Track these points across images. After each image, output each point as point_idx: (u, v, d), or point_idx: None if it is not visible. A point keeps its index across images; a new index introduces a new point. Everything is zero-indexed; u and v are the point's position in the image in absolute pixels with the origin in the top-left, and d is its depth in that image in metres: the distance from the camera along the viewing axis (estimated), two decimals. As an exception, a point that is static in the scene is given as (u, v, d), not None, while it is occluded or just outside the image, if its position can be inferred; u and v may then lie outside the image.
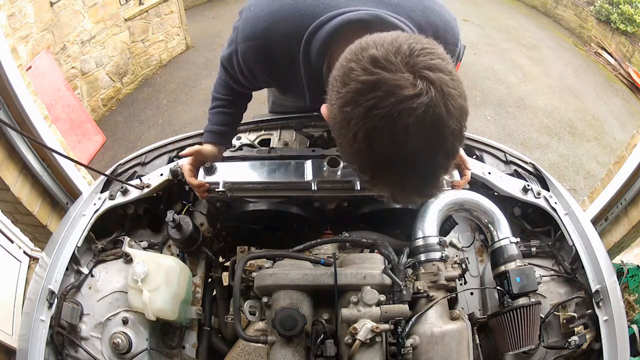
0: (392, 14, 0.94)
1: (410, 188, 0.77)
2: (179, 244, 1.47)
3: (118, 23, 4.84)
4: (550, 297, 1.38)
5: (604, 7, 7.59)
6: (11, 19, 3.41)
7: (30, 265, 3.06)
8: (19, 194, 2.03)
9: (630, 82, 6.81)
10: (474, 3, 8.73)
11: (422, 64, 0.68)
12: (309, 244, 1.31)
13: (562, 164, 4.95)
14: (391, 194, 0.79)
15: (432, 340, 1.09)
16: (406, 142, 0.68)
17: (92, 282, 1.43)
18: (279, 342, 1.10)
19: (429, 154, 0.72)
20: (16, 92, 1.90)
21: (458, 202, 1.32)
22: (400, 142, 0.68)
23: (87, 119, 4.47)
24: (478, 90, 5.85)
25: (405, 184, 0.76)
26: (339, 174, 1.34)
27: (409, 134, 0.67)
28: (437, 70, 0.68)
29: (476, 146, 1.69)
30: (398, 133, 0.67)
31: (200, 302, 1.48)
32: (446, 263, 1.23)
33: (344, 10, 0.93)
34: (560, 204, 1.48)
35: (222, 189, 1.30)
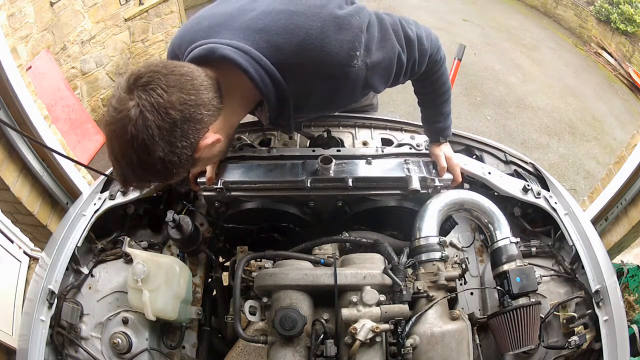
0: (234, 44, 1.01)
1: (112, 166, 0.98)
2: (179, 244, 1.47)
3: (118, 23, 4.84)
4: (550, 297, 1.38)
5: (604, 7, 7.59)
6: (11, 19, 3.41)
7: (30, 265, 3.06)
8: (19, 194, 2.03)
9: (630, 82, 6.82)
10: (473, 3, 8.74)
11: (136, 96, 0.87)
12: (309, 244, 1.32)
13: (562, 164, 4.95)
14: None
15: (432, 340, 1.09)
16: (104, 132, 0.93)
17: (92, 282, 1.43)
18: (279, 342, 1.10)
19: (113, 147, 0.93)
20: (16, 92, 1.90)
21: (458, 202, 1.32)
22: (104, 131, 0.94)
23: (87, 119, 4.47)
24: (478, 90, 5.85)
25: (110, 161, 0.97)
26: (332, 172, 1.35)
27: (104, 127, 0.92)
28: (137, 108, 0.86)
29: (476, 146, 1.69)
30: (104, 123, 0.93)
31: (200, 302, 1.48)
32: (446, 263, 1.23)
33: (202, 43, 1.05)
34: (560, 204, 1.48)
35: (220, 187, 1.33)
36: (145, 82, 0.87)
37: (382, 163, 1.45)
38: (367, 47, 1.06)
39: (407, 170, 1.39)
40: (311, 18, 1.03)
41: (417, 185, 1.35)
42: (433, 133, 1.47)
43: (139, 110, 0.86)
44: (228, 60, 0.99)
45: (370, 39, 1.07)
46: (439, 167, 1.44)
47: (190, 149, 0.94)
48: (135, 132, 0.86)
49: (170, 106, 0.88)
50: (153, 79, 0.88)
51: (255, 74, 1.01)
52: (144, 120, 0.86)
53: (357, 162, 1.43)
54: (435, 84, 1.36)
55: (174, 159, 0.92)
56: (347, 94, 1.14)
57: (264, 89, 1.03)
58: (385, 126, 1.74)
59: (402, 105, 4.75)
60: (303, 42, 1.02)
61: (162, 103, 0.87)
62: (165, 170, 0.93)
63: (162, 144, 0.89)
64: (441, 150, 1.45)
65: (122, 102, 0.87)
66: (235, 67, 1.00)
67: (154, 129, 0.87)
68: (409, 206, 1.40)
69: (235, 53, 0.99)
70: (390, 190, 1.40)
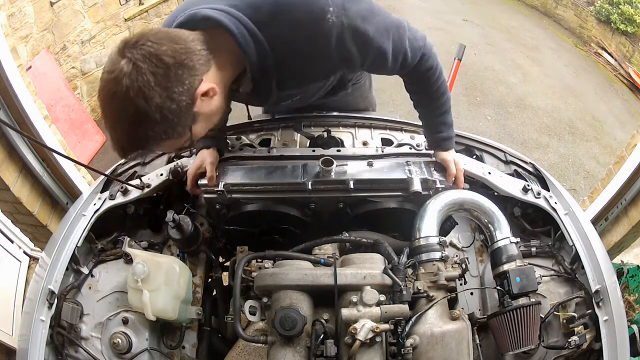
0: (214, 6, 1.04)
1: (110, 135, 0.97)
2: (179, 244, 1.47)
3: (118, 23, 4.84)
4: (550, 297, 1.38)
5: (604, 7, 7.59)
6: (11, 19, 3.41)
7: (30, 265, 3.06)
8: (19, 194, 2.03)
9: (630, 82, 6.82)
10: (474, 3, 8.74)
11: (127, 55, 0.89)
12: (309, 244, 1.32)
13: (562, 164, 4.95)
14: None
15: (432, 340, 1.09)
16: (98, 96, 0.95)
17: (92, 282, 1.43)
18: (279, 342, 1.10)
19: (106, 114, 0.94)
20: (16, 92, 1.90)
21: (458, 202, 1.32)
22: (99, 103, 0.95)
23: (87, 119, 4.47)
24: (478, 90, 5.85)
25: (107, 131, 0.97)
26: (333, 174, 1.35)
27: (98, 91, 0.93)
28: (129, 62, 0.88)
29: (476, 146, 1.69)
30: (98, 96, 0.95)
31: (200, 302, 1.48)
32: (446, 263, 1.23)
33: (186, 11, 1.07)
34: (560, 204, 1.48)
35: (220, 189, 1.33)
36: (134, 41, 0.90)
37: (384, 165, 1.45)
38: (343, 6, 1.06)
39: (409, 172, 1.39)
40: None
41: (419, 187, 1.35)
42: (438, 143, 1.47)
43: (131, 63, 0.88)
44: (209, 19, 1.01)
45: (348, 0, 1.08)
46: (448, 173, 1.44)
47: (187, 95, 0.94)
48: (130, 83, 0.87)
49: (162, 53, 0.89)
50: (142, 37, 0.91)
51: (236, 30, 1.02)
52: (137, 70, 0.87)
53: (358, 164, 1.43)
54: (435, 94, 1.35)
55: (172, 106, 0.92)
56: (321, 53, 1.12)
57: (245, 45, 1.04)
58: (385, 126, 1.74)
59: (402, 105, 4.75)
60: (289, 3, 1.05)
61: (153, 52, 0.89)
62: (165, 120, 0.92)
63: (159, 90, 0.89)
64: (450, 156, 1.45)
65: (114, 64, 0.89)
66: (217, 26, 1.01)
67: (149, 75, 0.88)
68: (410, 208, 1.40)
69: (215, 12, 1.02)
70: (392, 192, 1.40)
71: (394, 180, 1.39)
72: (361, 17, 1.09)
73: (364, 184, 1.37)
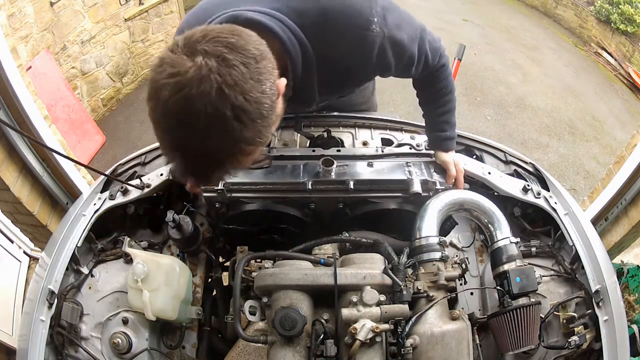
0: (257, 9, 0.99)
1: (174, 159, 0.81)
2: (179, 244, 1.47)
3: (118, 23, 4.84)
4: (550, 297, 1.38)
5: (604, 7, 7.59)
6: (11, 19, 3.41)
7: (30, 265, 3.06)
8: (19, 194, 2.03)
9: (630, 82, 6.81)
10: (474, 3, 8.74)
11: (201, 49, 0.73)
12: (309, 244, 1.32)
13: (562, 164, 4.95)
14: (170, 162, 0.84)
15: (432, 340, 1.09)
16: (161, 113, 0.75)
17: (92, 282, 1.43)
18: (279, 342, 1.10)
19: (180, 128, 0.76)
20: (16, 92, 1.90)
21: (458, 202, 1.32)
22: (158, 112, 0.76)
23: (87, 119, 4.47)
24: (478, 90, 5.85)
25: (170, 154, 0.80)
26: (333, 174, 1.35)
27: (162, 106, 0.74)
28: (210, 56, 0.73)
29: (476, 146, 1.69)
30: (159, 104, 0.75)
31: (200, 302, 1.48)
32: (446, 263, 1.23)
33: (220, 13, 1.00)
34: (560, 204, 1.48)
35: (221, 188, 1.33)
36: (202, 35, 0.76)
37: (384, 165, 1.45)
38: (384, 16, 1.08)
39: (409, 173, 1.39)
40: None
41: (419, 188, 1.35)
42: (439, 142, 1.47)
43: (214, 57, 0.73)
44: (254, 22, 0.96)
45: (385, 8, 1.09)
46: (448, 175, 1.44)
47: (275, 90, 0.82)
48: (221, 78, 0.72)
49: (245, 44, 0.77)
50: (207, 31, 0.77)
51: (284, 34, 1.00)
52: (226, 62, 0.73)
53: (358, 165, 1.43)
54: (443, 90, 1.37)
55: (266, 103, 0.79)
56: (364, 61, 1.14)
57: (292, 49, 1.02)
58: (385, 126, 1.74)
59: (402, 105, 4.75)
60: (323, 4, 1.04)
61: (236, 43, 0.76)
62: (261, 117, 0.78)
63: (253, 83, 0.76)
64: (450, 157, 1.45)
65: (180, 64, 0.73)
66: (262, 29, 0.96)
67: (241, 66, 0.74)
68: (410, 209, 1.40)
69: (260, 16, 0.98)
70: (392, 192, 1.40)
71: (394, 181, 1.39)
72: (397, 25, 1.12)
73: (364, 185, 1.37)
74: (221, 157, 0.80)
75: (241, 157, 0.83)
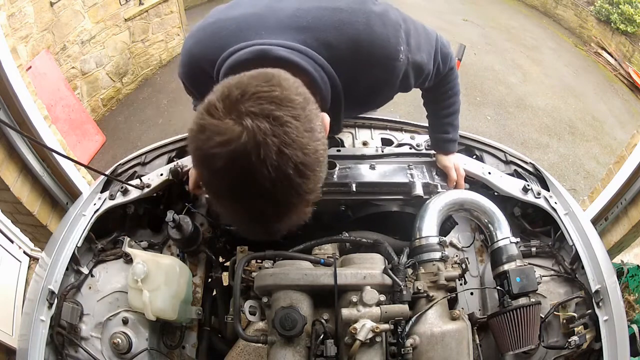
0: (286, 44, 0.95)
1: (240, 225, 0.82)
2: (179, 244, 1.47)
3: (118, 23, 4.84)
4: (550, 297, 1.38)
5: (604, 7, 7.60)
6: (11, 19, 3.41)
7: (30, 265, 3.06)
8: (19, 194, 2.03)
9: (630, 82, 6.82)
10: (474, 3, 8.74)
11: (246, 111, 0.68)
12: (309, 244, 1.32)
13: (562, 164, 4.95)
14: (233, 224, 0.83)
15: (432, 340, 1.09)
16: (219, 185, 0.73)
17: (92, 282, 1.43)
18: (279, 342, 1.09)
19: (243, 199, 0.74)
20: (16, 92, 1.90)
21: (458, 202, 1.32)
22: (215, 184, 0.74)
23: (87, 119, 4.47)
24: (478, 90, 5.85)
25: (235, 220, 0.80)
26: (335, 177, 1.35)
27: (218, 177, 0.71)
28: (260, 118, 0.68)
29: (476, 146, 1.69)
30: (213, 175, 0.72)
31: (200, 302, 1.48)
32: (446, 263, 1.23)
33: (243, 45, 0.95)
34: (560, 204, 1.48)
35: None
36: (240, 94, 0.70)
37: (386, 168, 1.45)
38: (407, 42, 1.08)
39: (411, 176, 1.39)
40: (354, 14, 1.03)
41: (421, 191, 1.35)
42: (441, 144, 1.47)
43: (263, 120, 0.67)
44: (285, 61, 0.94)
45: (407, 32, 1.09)
46: (449, 179, 1.45)
47: (323, 129, 0.79)
48: (279, 139, 0.68)
49: (288, 94, 0.72)
50: (243, 88, 0.71)
51: (316, 73, 0.98)
52: (277, 120, 0.68)
53: (360, 167, 1.43)
54: (449, 92, 1.37)
55: (321, 148, 0.75)
56: (388, 88, 1.16)
57: (323, 87, 1.01)
58: (385, 126, 1.74)
59: (402, 105, 4.75)
60: (353, 37, 1.02)
61: (279, 95, 0.71)
62: (318, 163, 0.75)
63: (308, 134, 0.71)
64: (451, 162, 1.46)
65: (231, 130, 0.67)
66: (294, 68, 0.94)
67: (293, 120, 0.69)
68: (411, 211, 1.40)
69: (291, 54, 0.95)
70: (393, 195, 1.40)
71: (395, 184, 1.39)
72: (417, 47, 1.12)
73: (366, 187, 1.37)
74: (290, 213, 0.79)
75: (306, 208, 0.82)
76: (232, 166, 0.69)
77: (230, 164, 0.68)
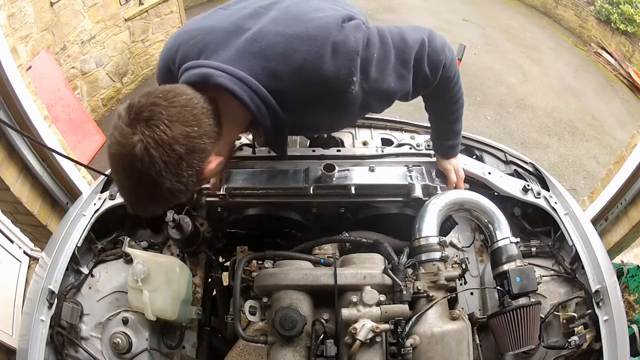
0: (229, 70, 1.00)
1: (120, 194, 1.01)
2: (179, 244, 1.47)
3: (118, 23, 4.84)
4: (550, 297, 1.38)
5: (604, 7, 7.60)
6: (11, 19, 3.41)
7: (30, 265, 3.06)
8: (19, 194, 2.03)
9: (630, 82, 6.82)
10: (474, 3, 8.74)
11: (142, 135, 0.86)
12: (309, 244, 1.32)
13: (562, 164, 4.95)
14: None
15: (432, 340, 1.09)
16: (111, 165, 0.94)
17: (92, 282, 1.43)
18: (279, 342, 1.10)
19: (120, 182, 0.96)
20: (16, 92, 1.90)
21: (458, 202, 1.32)
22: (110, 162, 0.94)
23: (87, 119, 4.47)
24: (478, 90, 5.85)
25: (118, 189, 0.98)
26: (335, 179, 1.35)
27: (110, 160, 0.93)
28: (142, 143, 0.86)
29: (476, 146, 1.69)
30: (108, 155, 0.93)
31: (200, 302, 1.48)
32: (446, 263, 1.23)
33: (194, 64, 1.03)
34: (560, 204, 1.48)
35: (223, 193, 1.34)
36: (147, 117, 0.87)
37: (385, 170, 1.45)
38: (364, 70, 1.04)
39: (410, 178, 1.39)
40: (308, 42, 1.01)
41: (420, 194, 1.35)
42: (442, 149, 1.47)
43: (143, 146, 0.85)
44: (223, 88, 0.98)
45: (367, 59, 1.04)
46: (448, 181, 1.44)
47: (196, 176, 0.95)
48: (142, 169, 0.87)
49: (174, 141, 0.87)
50: (155, 114, 0.87)
51: (252, 103, 1.00)
52: (150, 158, 0.86)
53: (359, 169, 1.43)
54: (449, 101, 1.34)
55: (181, 188, 0.93)
56: (343, 117, 1.17)
57: (260, 117, 1.03)
58: (385, 126, 1.74)
59: (402, 105, 4.74)
60: (300, 68, 1.01)
61: (166, 140, 0.86)
62: (172, 197, 0.95)
63: (169, 177, 0.89)
64: (451, 164, 1.45)
65: (126, 137, 0.86)
66: (231, 96, 0.99)
67: (161, 164, 0.87)
68: (410, 213, 1.40)
69: (230, 81, 0.98)
70: (393, 197, 1.40)
71: (395, 186, 1.39)
72: (380, 74, 1.07)
73: (365, 190, 1.37)
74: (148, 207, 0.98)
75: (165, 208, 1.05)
76: (116, 156, 0.90)
77: (116, 157, 0.90)
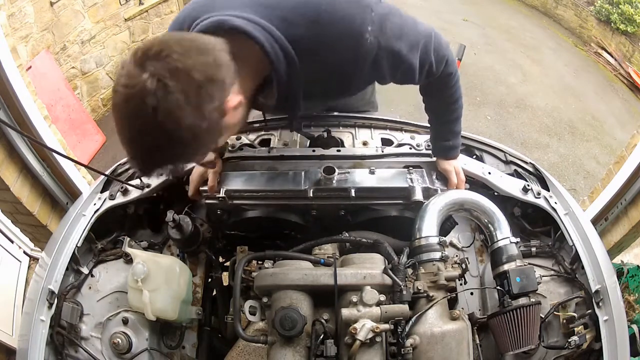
0: (243, 15, 0.98)
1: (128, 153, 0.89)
2: (179, 244, 1.47)
3: (118, 23, 4.84)
4: (550, 297, 1.38)
5: (604, 7, 7.60)
6: (11, 19, 3.41)
7: (30, 265, 3.06)
8: (19, 194, 2.03)
9: (630, 82, 6.82)
10: (474, 3, 8.74)
11: (153, 68, 0.79)
12: (309, 244, 1.32)
13: (562, 164, 4.95)
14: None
15: (432, 340, 1.09)
16: (116, 119, 0.85)
17: (92, 282, 1.43)
18: (279, 342, 1.10)
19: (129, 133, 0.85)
20: (16, 92, 1.90)
21: (458, 202, 1.32)
22: (114, 117, 0.85)
23: (87, 119, 4.47)
24: (478, 90, 5.85)
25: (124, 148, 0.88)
26: (335, 182, 1.35)
27: (115, 112, 0.84)
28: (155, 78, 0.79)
29: (476, 146, 1.69)
30: (113, 103, 0.84)
31: (200, 302, 1.48)
32: (446, 263, 1.23)
33: (206, 16, 1.01)
34: (560, 204, 1.48)
35: (222, 195, 1.34)
36: (157, 51, 0.80)
37: (385, 173, 1.44)
38: (379, 24, 1.04)
39: (410, 181, 1.39)
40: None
41: (420, 196, 1.35)
42: (443, 150, 1.47)
43: (156, 79, 0.78)
44: (239, 30, 0.95)
45: (383, 16, 1.05)
46: (449, 183, 1.44)
47: (219, 111, 0.87)
48: (157, 103, 0.78)
49: (192, 68, 0.80)
50: (164, 46, 0.80)
51: (268, 45, 0.98)
52: (165, 88, 0.78)
53: (359, 172, 1.43)
54: (449, 99, 1.34)
55: (204, 125, 0.84)
56: (355, 72, 1.12)
57: (276, 61, 1.01)
58: (385, 126, 1.74)
59: (402, 105, 4.75)
60: (314, 15, 1.01)
61: (182, 67, 0.79)
62: (195, 139, 0.85)
63: (190, 109, 0.81)
64: (451, 165, 1.45)
65: (134, 77, 0.79)
66: (247, 38, 0.96)
67: (178, 93, 0.79)
68: (410, 216, 1.40)
69: (246, 24, 0.96)
70: (393, 200, 1.40)
71: (395, 189, 1.39)
72: (395, 36, 1.08)
73: (365, 192, 1.37)
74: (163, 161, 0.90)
75: (183, 163, 0.95)
76: (123, 103, 0.82)
77: (123, 101, 0.82)
